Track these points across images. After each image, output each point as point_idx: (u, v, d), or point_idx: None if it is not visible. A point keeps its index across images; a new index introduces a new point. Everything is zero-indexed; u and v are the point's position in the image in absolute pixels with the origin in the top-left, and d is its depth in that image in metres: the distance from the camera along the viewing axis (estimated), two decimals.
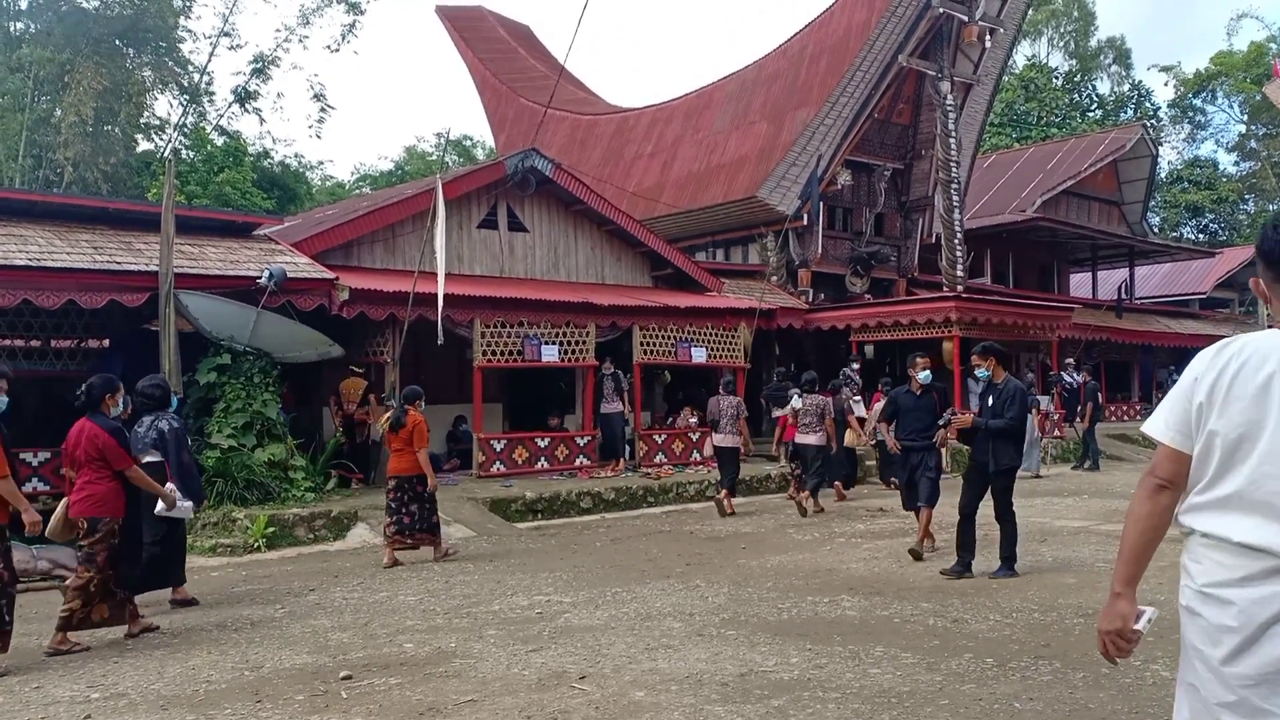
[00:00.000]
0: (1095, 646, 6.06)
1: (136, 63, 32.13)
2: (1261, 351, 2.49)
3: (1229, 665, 2.46)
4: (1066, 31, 58.18)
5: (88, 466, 7.26)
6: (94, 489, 7.24)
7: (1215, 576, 2.52)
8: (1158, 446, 2.67)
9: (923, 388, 10.20)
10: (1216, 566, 2.52)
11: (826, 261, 23.81)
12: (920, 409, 10.09)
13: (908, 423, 10.14)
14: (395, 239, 16.87)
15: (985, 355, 9.10)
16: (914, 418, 10.10)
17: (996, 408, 8.81)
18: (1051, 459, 21.07)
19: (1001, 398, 8.83)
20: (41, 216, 13.65)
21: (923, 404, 10.12)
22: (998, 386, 8.93)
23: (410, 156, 54.92)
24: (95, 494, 7.24)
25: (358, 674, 6.11)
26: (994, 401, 8.88)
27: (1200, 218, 53.12)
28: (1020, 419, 8.96)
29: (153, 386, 8.86)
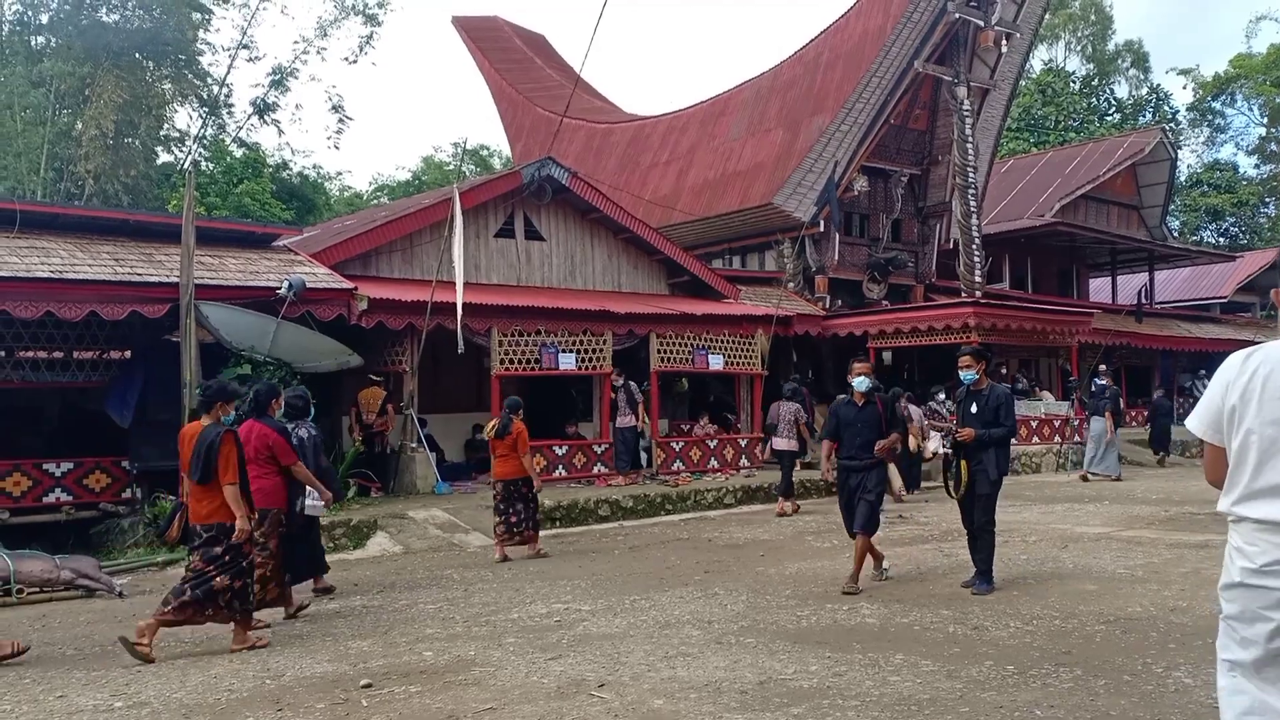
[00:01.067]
0: (1117, 653, 6.04)
1: (156, 75, 32.40)
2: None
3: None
4: (1084, 35, 57.95)
5: (255, 463, 7.87)
6: (262, 483, 7.92)
7: (1274, 556, 2.87)
8: None
9: (864, 397, 8.85)
10: (1273, 547, 2.88)
11: (843, 268, 23.79)
12: (862, 422, 8.76)
13: (849, 439, 8.81)
14: (413, 248, 16.95)
15: (978, 358, 8.66)
16: (855, 433, 8.76)
17: (985, 415, 8.38)
18: (1072, 465, 20.97)
19: (989, 404, 8.42)
20: (63, 229, 13.78)
21: (865, 417, 8.78)
22: (982, 393, 8.51)
23: (427, 166, 55.14)
24: (263, 488, 7.95)
25: (378, 682, 6.14)
26: (979, 409, 8.44)
27: (1220, 221, 52.74)
28: (1014, 425, 8.69)
29: (296, 397, 9.61)
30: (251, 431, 8.03)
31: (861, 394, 8.84)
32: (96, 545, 13.15)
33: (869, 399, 8.83)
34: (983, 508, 8.46)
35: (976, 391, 8.56)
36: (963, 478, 8.45)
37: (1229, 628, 2.97)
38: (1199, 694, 5.40)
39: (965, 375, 8.66)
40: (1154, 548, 10.53)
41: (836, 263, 23.52)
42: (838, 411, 9.01)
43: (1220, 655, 3.00)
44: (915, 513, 14.08)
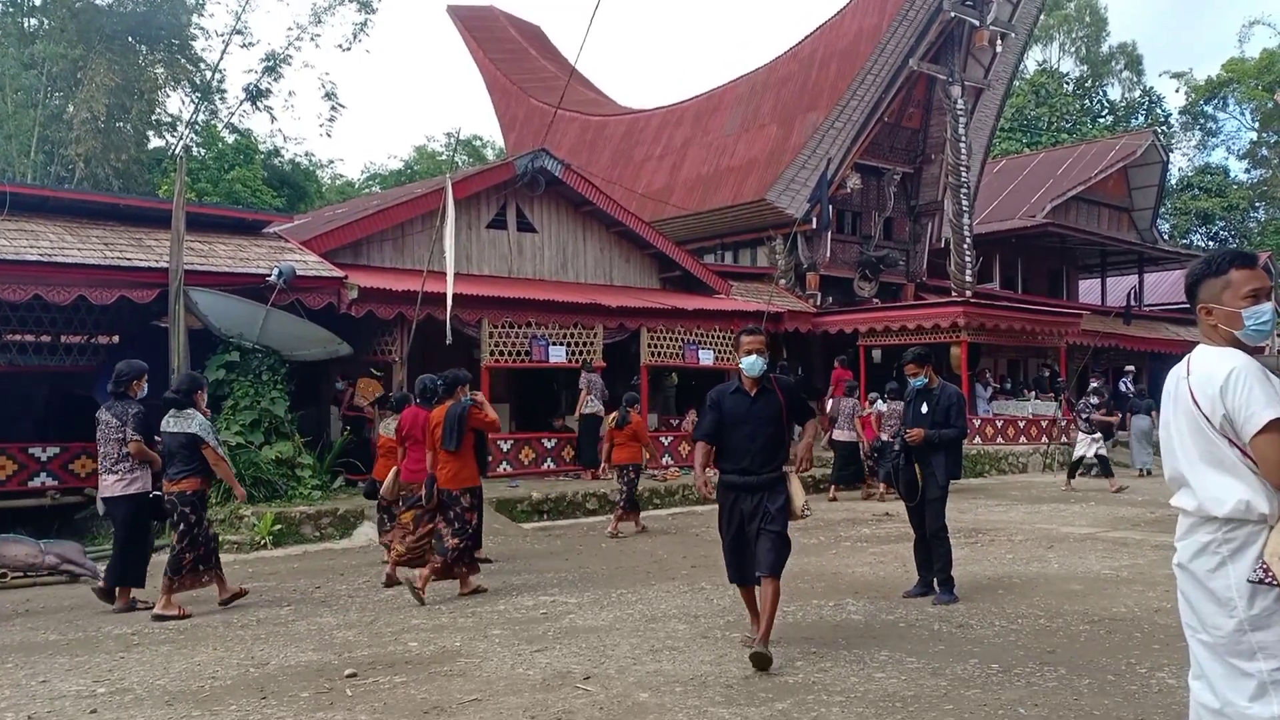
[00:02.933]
0: (1101, 653, 6.07)
1: (149, 60, 32.23)
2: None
3: None
4: (1078, 37, 58.04)
5: (421, 445, 9.01)
6: (423, 464, 8.90)
7: None
8: None
9: (757, 384, 6.30)
10: None
11: (835, 265, 23.82)
12: (758, 419, 6.25)
13: (738, 444, 6.26)
14: (404, 238, 16.91)
15: (921, 363, 8.28)
16: (748, 435, 6.24)
17: (935, 416, 8.03)
18: (1059, 465, 21.04)
19: (940, 404, 8.07)
20: (53, 212, 13.71)
21: (761, 412, 6.25)
22: (933, 392, 8.15)
23: (420, 156, 54.98)
24: (422, 468, 8.92)
25: (363, 672, 6.13)
26: (929, 409, 8.06)
27: (1210, 225, 52.91)
28: (965, 427, 8.39)
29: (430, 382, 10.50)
30: (416, 417, 9.23)
31: (753, 379, 6.26)
32: (81, 530, 13.10)
33: (764, 386, 6.27)
34: (934, 513, 8.06)
35: (927, 391, 8.20)
36: (916, 481, 8.10)
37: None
38: (1182, 694, 5.40)
39: (914, 382, 8.30)
40: (1139, 549, 10.57)
41: (828, 260, 23.54)
42: (720, 404, 6.35)
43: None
44: (901, 509, 14.10)
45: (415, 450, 9.20)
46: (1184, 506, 3.19)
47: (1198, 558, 3.14)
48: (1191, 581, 3.18)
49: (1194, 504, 3.13)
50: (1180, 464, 3.17)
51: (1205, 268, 3.22)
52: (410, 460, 9.34)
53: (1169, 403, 3.23)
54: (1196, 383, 3.10)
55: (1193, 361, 3.19)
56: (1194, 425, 3.09)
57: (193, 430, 8.04)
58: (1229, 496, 3.02)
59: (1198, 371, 3.13)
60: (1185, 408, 3.13)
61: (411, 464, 9.30)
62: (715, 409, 6.36)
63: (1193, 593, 3.18)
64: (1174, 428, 3.19)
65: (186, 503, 8.01)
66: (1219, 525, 3.06)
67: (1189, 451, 3.13)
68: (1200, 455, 3.09)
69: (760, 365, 6.28)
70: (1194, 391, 3.09)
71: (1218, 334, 3.17)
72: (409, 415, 9.44)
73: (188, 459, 8.02)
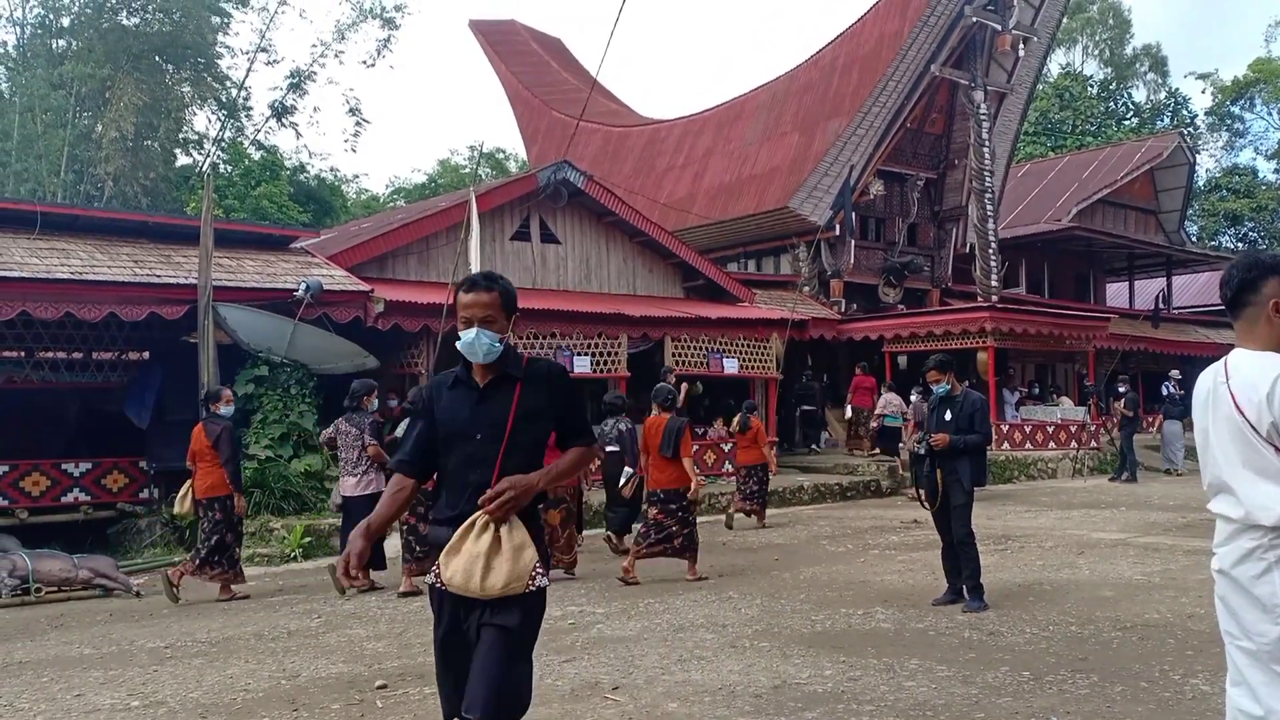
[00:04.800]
0: (1134, 659, 6.01)
1: (175, 78, 32.65)
2: None
3: None
4: (1102, 39, 57.69)
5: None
6: None
7: None
8: None
9: (491, 372, 3.68)
10: None
11: (859, 272, 23.74)
12: (487, 427, 3.58)
13: (455, 468, 3.58)
14: (429, 251, 17.00)
15: (944, 370, 8.26)
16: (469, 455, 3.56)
17: (959, 423, 8.03)
18: (1089, 470, 20.88)
19: (963, 411, 8.08)
20: (83, 230, 13.89)
21: (493, 415, 3.59)
22: (956, 399, 8.16)
23: (443, 169, 55.28)
24: None
25: (393, 683, 6.15)
26: (953, 415, 8.08)
27: (1239, 226, 52.37)
28: (990, 433, 8.38)
29: (616, 398, 12.33)
30: None
31: (485, 367, 3.67)
32: (114, 545, 13.24)
33: (506, 374, 3.65)
34: (959, 519, 8.04)
35: (950, 398, 8.20)
36: (938, 487, 8.09)
37: None
38: (1216, 701, 5.36)
39: (937, 389, 8.28)
40: (1171, 554, 10.47)
41: (852, 267, 23.47)
42: (432, 403, 3.71)
43: None
44: (930, 517, 14.03)
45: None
46: (1225, 513, 3.12)
47: (1241, 563, 3.06)
48: (1233, 587, 3.10)
49: (1239, 512, 3.04)
50: (1221, 470, 3.09)
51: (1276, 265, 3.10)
52: None
53: (1205, 407, 3.14)
54: (1239, 388, 3.02)
55: (1231, 365, 3.09)
56: (1236, 431, 3.01)
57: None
58: (1277, 505, 2.95)
59: (1239, 376, 3.04)
60: (1226, 413, 3.04)
61: None
62: (426, 414, 3.68)
63: (1234, 599, 3.11)
64: (1213, 434, 3.10)
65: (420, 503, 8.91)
66: (1265, 532, 2.99)
67: (1230, 458, 3.05)
68: (1243, 462, 3.01)
69: (487, 344, 3.53)
70: (1236, 397, 3.01)
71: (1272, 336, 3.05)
72: None
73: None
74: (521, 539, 3.43)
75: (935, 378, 8.27)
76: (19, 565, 9.75)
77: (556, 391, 3.72)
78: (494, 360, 3.63)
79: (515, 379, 3.67)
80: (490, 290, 3.76)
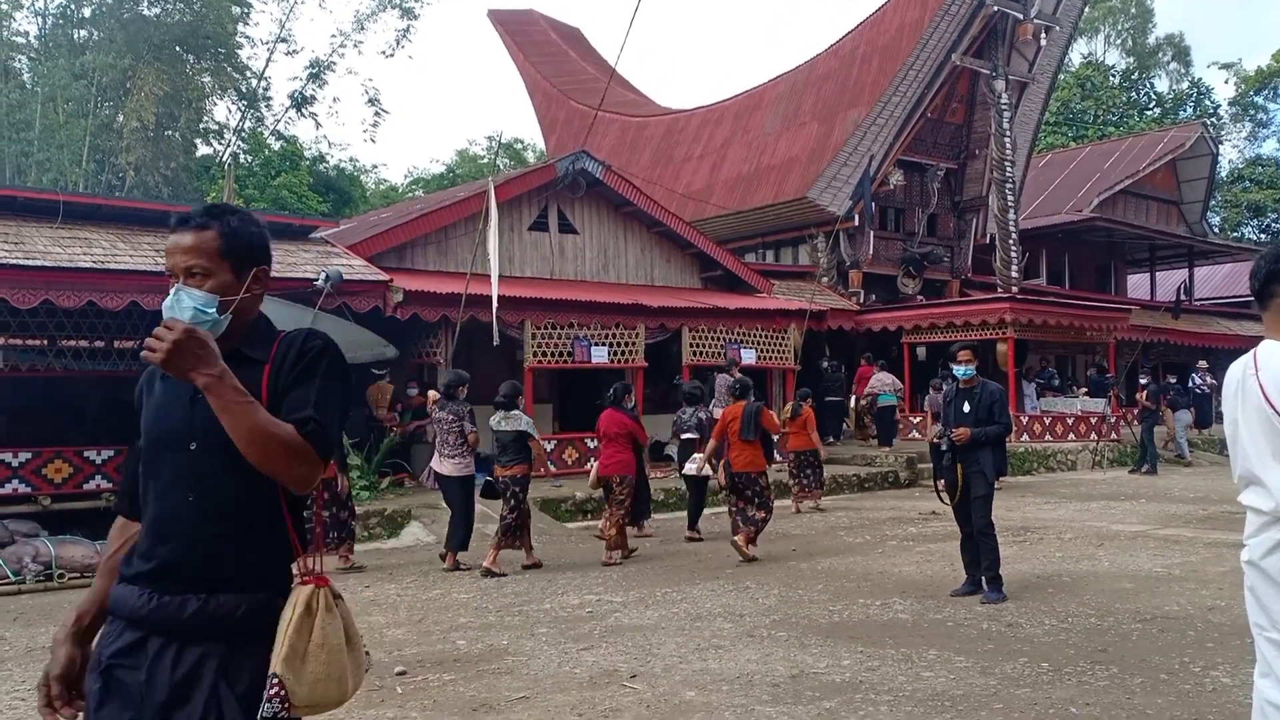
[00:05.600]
0: (1154, 651, 5.98)
1: (196, 69, 32.79)
2: None
3: None
4: (1124, 29, 57.20)
5: (616, 442, 10.48)
6: (621, 456, 10.45)
7: None
8: None
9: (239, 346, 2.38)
10: None
11: (878, 262, 23.64)
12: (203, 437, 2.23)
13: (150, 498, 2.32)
14: (448, 241, 17.04)
15: (976, 353, 8.24)
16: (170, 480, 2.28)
17: (979, 414, 7.97)
18: (1109, 463, 20.77)
19: (983, 402, 8.01)
20: (105, 220, 13.97)
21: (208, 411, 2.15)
22: (974, 391, 8.07)
23: (462, 160, 55.34)
24: (622, 460, 10.44)
25: (412, 670, 6.19)
26: (972, 407, 7.99)
27: (1262, 217, 51.89)
28: (1010, 423, 8.30)
29: (695, 387, 12.87)
30: (612, 419, 10.60)
31: None
32: None
33: (245, 354, 2.37)
34: (981, 511, 8.02)
35: (968, 389, 8.10)
36: (957, 480, 8.06)
37: None
38: (1237, 693, 5.34)
39: (963, 370, 8.14)
40: (1191, 546, 10.41)
41: (871, 257, 23.38)
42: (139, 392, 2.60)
43: None
44: None
45: (610, 446, 10.58)
46: (1255, 505, 3.10)
47: (1271, 555, 3.04)
48: (1263, 579, 3.08)
49: (1270, 504, 3.02)
50: (1251, 462, 3.07)
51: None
52: (605, 455, 10.65)
53: (1234, 399, 3.13)
54: (1268, 380, 3.00)
55: (1261, 357, 3.07)
56: (1266, 423, 2.99)
57: (522, 428, 9.94)
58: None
59: (1269, 368, 3.02)
60: (1255, 405, 3.02)
61: (607, 458, 10.59)
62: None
63: (1264, 590, 3.09)
64: (1242, 425, 3.08)
65: (517, 484, 9.84)
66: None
67: (1260, 449, 3.03)
68: (1274, 454, 3.00)
69: (190, 308, 2.38)
70: (1265, 388, 3.00)
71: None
72: (605, 416, 10.75)
73: (517, 450, 9.91)
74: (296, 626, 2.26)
75: (968, 358, 8.20)
76: (42, 551, 9.86)
77: (297, 365, 2.35)
78: (220, 336, 2.29)
79: (259, 363, 2.35)
80: (204, 229, 2.41)
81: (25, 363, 13.56)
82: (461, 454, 10.18)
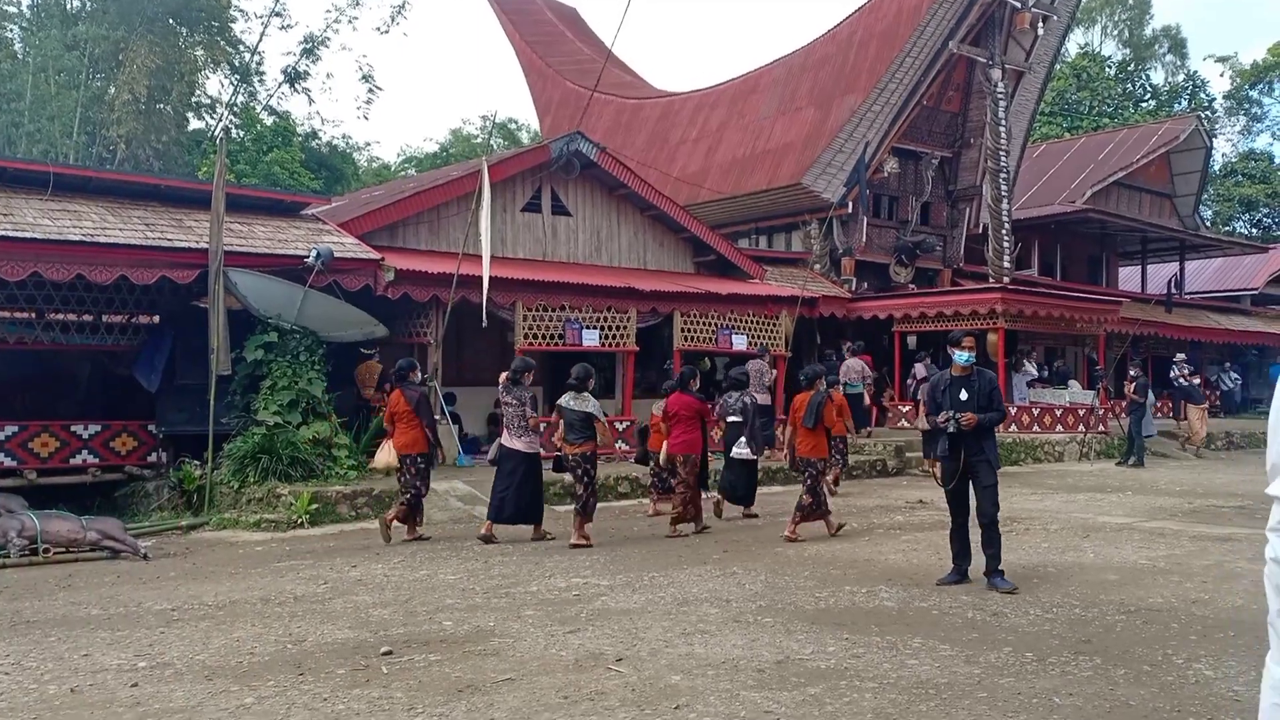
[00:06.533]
0: (1137, 643, 6.02)
1: (189, 42, 32.54)
2: None
3: None
4: (1121, 20, 57.17)
5: (684, 422, 11.24)
6: (688, 436, 11.20)
7: None
8: None
9: None
10: None
11: (871, 250, 23.65)
12: None
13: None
14: (440, 221, 16.98)
15: (976, 342, 8.31)
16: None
17: (979, 401, 7.95)
18: (1096, 454, 20.86)
19: (982, 390, 8.01)
20: (95, 193, 13.88)
21: None
22: (970, 379, 8.05)
23: (455, 139, 55.13)
24: (690, 439, 11.20)
25: (398, 650, 6.19)
26: (970, 394, 7.95)
27: (1254, 212, 52.03)
28: (1004, 409, 8.33)
29: (740, 373, 13.09)
30: (680, 400, 11.34)
31: None
32: (121, 507, 13.31)
33: None
34: (992, 499, 7.97)
35: (964, 378, 8.08)
36: (957, 467, 8.01)
37: None
38: (1219, 686, 5.38)
39: (966, 356, 8.11)
40: (1177, 539, 10.47)
41: (864, 245, 23.38)
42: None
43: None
44: (936, 497, 14.04)
45: (678, 427, 11.28)
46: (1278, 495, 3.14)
47: None
48: None
49: None
50: None
51: None
52: (674, 435, 11.32)
53: None
54: None
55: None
56: None
57: (589, 409, 10.51)
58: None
59: None
60: None
61: (675, 438, 11.28)
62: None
63: None
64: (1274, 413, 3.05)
65: (586, 461, 10.48)
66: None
67: None
68: None
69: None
70: None
71: None
72: (674, 399, 11.46)
73: (585, 429, 10.49)
74: None
75: (972, 344, 8.24)
76: (28, 526, 9.82)
77: None
78: None
79: None
80: None
81: (13, 335, 13.48)
82: (525, 432, 10.78)
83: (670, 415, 11.48)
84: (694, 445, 11.23)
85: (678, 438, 11.26)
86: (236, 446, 12.64)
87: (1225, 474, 17.93)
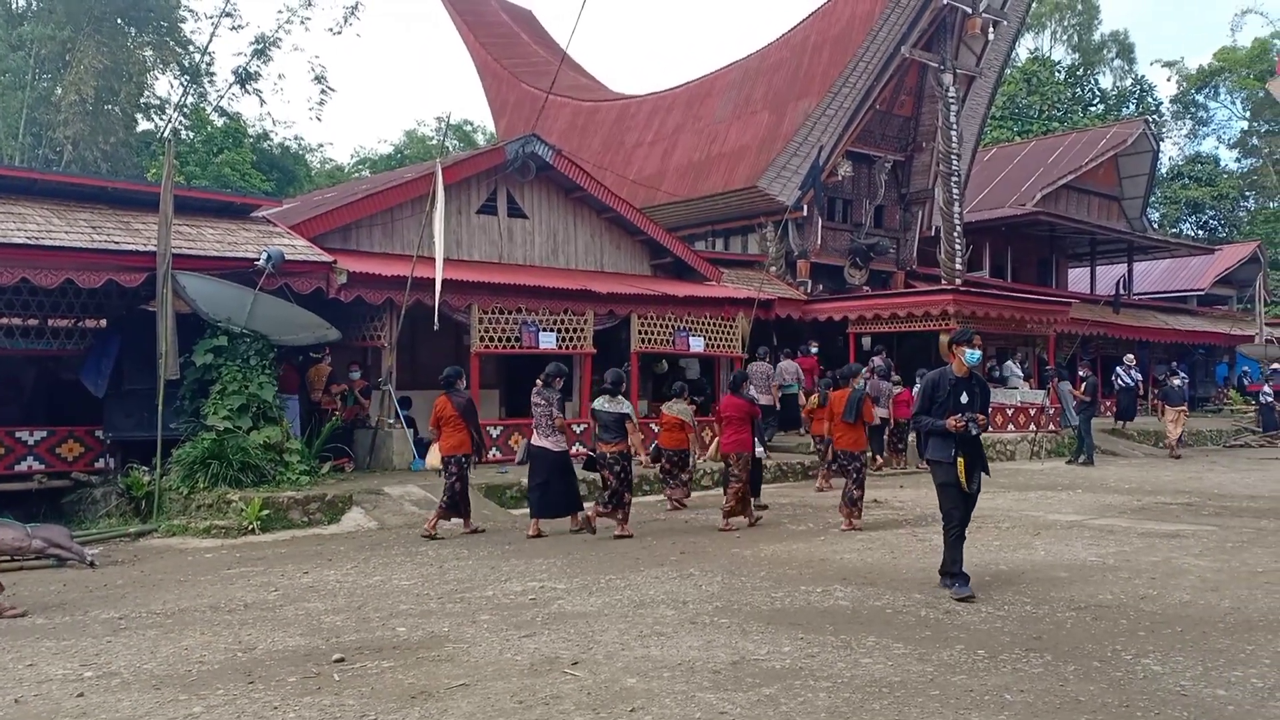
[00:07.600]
0: (1087, 639, 6.10)
1: (138, 42, 32.06)
2: None
3: None
4: (1070, 25, 58.13)
5: (735, 424, 11.77)
6: (739, 436, 11.73)
7: None
8: None
9: None
10: None
11: (826, 253, 23.81)
12: None
13: None
14: (394, 223, 16.84)
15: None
16: None
17: (982, 404, 7.84)
18: (1046, 453, 21.14)
19: (981, 393, 7.88)
20: (40, 195, 13.61)
21: None
22: (970, 382, 7.82)
23: (410, 140, 54.74)
24: (741, 439, 11.73)
25: (350, 657, 6.13)
26: (970, 398, 7.74)
27: (1200, 214, 53.09)
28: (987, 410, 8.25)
29: (743, 375, 13.08)
30: (730, 403, 11.96)
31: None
32: (68, 515, 13.06)
33: None
34: (973, 505, 7.95)
35: (964, 380, 7.81)
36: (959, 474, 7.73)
37: None
38: (1167, 681, 5.46)
39: (974, 355, 7.89)
40: (1125, 536, 10.63)
41: (819, 247, 23.54)
42: None
43: None
44: (891, 496, 14.17)
45: (729, 428, 11.83)
46: None
47: None
48: None
49: None
50: None
51: None
52: (726, 435, 11.88)
53: None
54: None
55: None
56: None
57: (624, 411, 11.29)
58: None
59: None
60: None
61: (727, 438, 11.82)
62: None
63: None
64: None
65: (618, 460, 11.16)
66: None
67: None
68: None
69: None
70: None
71: None
72: (726, 401, 12.16)
73: (618, 429, 11.23)
74: None
75: (980, 343, 8.29)
76: None
77: None
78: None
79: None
80: None
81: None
82: (553, 432, 11.44)
83: (723, 417, 12.14)
84: (745, 444, 11.82)
85: (730, 437, 11.82)
86: (186, 452, 12.43)
87: (1173, 472, 18.25)
